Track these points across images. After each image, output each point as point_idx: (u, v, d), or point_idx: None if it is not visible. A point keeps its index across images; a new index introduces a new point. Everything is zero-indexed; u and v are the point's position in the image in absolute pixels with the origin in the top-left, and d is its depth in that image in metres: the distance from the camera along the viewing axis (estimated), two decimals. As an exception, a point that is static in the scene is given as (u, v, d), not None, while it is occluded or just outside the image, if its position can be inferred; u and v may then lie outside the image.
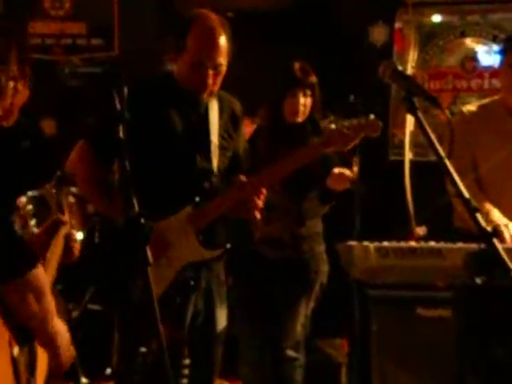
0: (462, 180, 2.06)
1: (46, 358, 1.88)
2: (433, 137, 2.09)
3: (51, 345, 1.78)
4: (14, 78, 1.77)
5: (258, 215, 2.75)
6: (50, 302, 1.73)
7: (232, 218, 2.83)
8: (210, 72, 2.68)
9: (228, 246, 2.81)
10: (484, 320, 3.02)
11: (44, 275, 1.69)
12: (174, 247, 2.71)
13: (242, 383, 3.72)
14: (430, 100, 2.14)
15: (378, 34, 4.89)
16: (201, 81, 2.69)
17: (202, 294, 2.80)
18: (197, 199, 2.74)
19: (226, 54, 2.70)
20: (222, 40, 2.69)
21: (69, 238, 2.20)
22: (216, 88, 2.76)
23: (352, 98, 4.26)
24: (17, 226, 2.59)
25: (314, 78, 3.46)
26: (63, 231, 2.12)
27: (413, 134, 4.72)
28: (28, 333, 1.78)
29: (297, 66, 3.46)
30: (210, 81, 2.70)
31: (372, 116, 2.82)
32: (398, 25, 4.89)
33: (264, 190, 2.74)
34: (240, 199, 2.73)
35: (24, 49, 1.79)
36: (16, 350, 1.75)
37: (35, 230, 2.55)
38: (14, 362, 1.73)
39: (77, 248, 2.25)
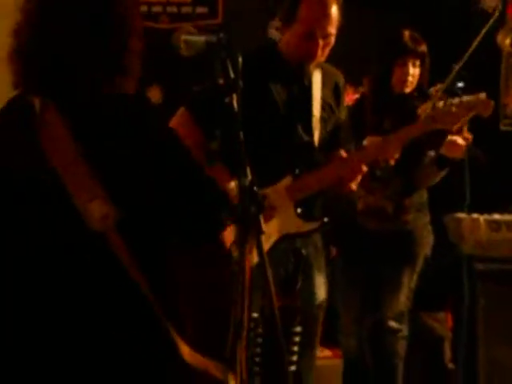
0: None
1: None
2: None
3: None
4: None
5: (354, 187, 2.73)
6: None
7: (330, 192, 2.81)
8: (320, 42, 2.67)
9: (326, 219, 2.79)
10: None
11: None
12: (272, 218, 2.70)
13: (342, 353, 3.72)
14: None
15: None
16: (310, 51, 2.68)
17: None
18: (296, 171, 2.74)
19: (337, 24, 2.69)
20: (334, 10, 2.67)
21: None
22: (323, 59, 2.75)
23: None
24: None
25: (424, 47, 3.37)
26: None
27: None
28: None
29: (407, 34, 3.37)
30: (320, 51, 2.68)
31: (483, 94, 2.74)
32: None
33: (364, 168, 2.71)
34: (339, 175, 2.71)
35: None
36: None
37: None
38: None
39: None
